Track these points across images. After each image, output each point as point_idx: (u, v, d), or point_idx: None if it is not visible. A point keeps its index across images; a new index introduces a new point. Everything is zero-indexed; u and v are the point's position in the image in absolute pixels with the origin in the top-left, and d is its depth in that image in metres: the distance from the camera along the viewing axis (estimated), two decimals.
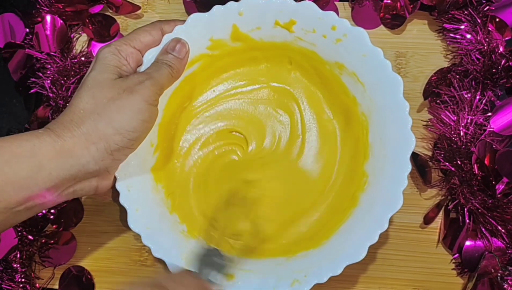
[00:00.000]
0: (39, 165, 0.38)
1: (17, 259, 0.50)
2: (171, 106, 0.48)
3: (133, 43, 0.45)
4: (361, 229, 0.44)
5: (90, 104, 0.41)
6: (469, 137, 0.49)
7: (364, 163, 0.47)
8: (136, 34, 0.45)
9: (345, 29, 0.46)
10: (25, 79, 0.54)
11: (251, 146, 0.51)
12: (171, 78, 0.45)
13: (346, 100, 0.48)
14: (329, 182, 0.49)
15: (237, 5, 0.47)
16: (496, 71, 0.49)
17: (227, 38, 0.48)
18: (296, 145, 0.51)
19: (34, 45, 0.54)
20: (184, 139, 0.51)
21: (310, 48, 0.48)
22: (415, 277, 0.50)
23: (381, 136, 0.46)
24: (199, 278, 0.44)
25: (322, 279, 0.43)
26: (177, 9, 0.56)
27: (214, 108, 0.52)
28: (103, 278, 0.51)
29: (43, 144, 0.38)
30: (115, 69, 0.43)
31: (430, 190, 0.51)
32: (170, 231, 0.47)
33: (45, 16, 0.54)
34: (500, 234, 0.47)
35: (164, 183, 0.49)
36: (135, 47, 0.45)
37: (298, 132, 0.51)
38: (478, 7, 0.51)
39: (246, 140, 0.51)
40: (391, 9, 0.53)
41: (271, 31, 0.48)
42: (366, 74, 0.46)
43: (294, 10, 0.46)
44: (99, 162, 0.41)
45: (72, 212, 0.52)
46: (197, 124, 0.52)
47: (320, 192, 0.49)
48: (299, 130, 0.51)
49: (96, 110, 0.40)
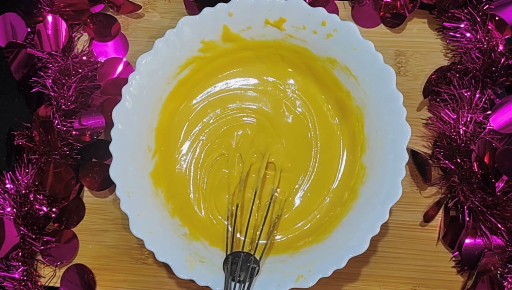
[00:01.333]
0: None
1: (19, 257, 0.50)
2: (167, 110, 0.48)
3: None
4: (362, 222, 0.45)
5: None
6: (469, 135, 0.49)
7: (361, 156, 0.48)
8: None
9: (335, 24, 0.46)
10: (27, 78, 0.54)
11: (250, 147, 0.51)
12: None
13: (340, 95, 0.49)
14: (334, 177, 0.50)
15: (227, 6, 0.47)
16: (495, 69, 0.49)
17: (218, 40, 0.48)
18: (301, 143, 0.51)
19: (36, 45, 0.54)
20: (181, 142, 0.51)
21: (302, 45, 0.48)
22: (415, 275, 0.50)
23: (377, 128, 0.46)
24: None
25: (327, 273, 0.43)
26: (178, 9, 0.56)
27: (210, 110, 0.52)
28: (104, 276, 0.52)
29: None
30: None
31: (430, 188, 0.51)
32: (173, 235, 0.47)
33: (46, 16, 0.54)
34: (499, 232, 0.47)
35: (164, 187, 0.49)
36: None
37: (301, 129, 0.51)
38: (477, 6, 0.51)
39: (246, 141, 0.51)
40: (391, 8, 0.54)
41: (262, 30, 0.48)
42: (358, 67, 0.46)
43: (283, 8, 0.47)
44: None
45: (73, 210, 0.52)
46: (193, 127, 0.52)
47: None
48: (301, 127, 0.51)
49: None
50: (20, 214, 0.50)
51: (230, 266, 0.45)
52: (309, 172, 0.50)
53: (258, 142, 0.51)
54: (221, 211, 0.50)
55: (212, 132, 0.52)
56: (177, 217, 0.49)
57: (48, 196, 0.51)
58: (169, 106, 0.49)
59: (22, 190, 0.50)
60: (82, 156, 0.53)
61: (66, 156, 0.52)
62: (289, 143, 0.51)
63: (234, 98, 0.52)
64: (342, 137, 0.50)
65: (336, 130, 0.51)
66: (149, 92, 0.48)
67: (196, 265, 0.46)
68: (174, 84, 0.49)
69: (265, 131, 0.51)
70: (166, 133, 0.50)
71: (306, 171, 0.50)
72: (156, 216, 0.47)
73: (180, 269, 0.45)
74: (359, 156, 0.48)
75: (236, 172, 0.50)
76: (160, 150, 0.49)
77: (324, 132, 0.51)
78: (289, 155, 0.51)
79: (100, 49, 0.56)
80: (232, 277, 0.44)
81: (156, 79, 0.48)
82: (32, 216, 0.51)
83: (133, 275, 0.51)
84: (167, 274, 0.51)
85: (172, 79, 0.49)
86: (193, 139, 0.52)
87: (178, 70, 0.49)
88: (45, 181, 0.51)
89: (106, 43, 0.56)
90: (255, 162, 0.51)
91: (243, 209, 0.50)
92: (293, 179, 0.50)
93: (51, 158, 0.51)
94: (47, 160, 0.51)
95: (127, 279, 0.51)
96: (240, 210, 0.49)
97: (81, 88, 0.53)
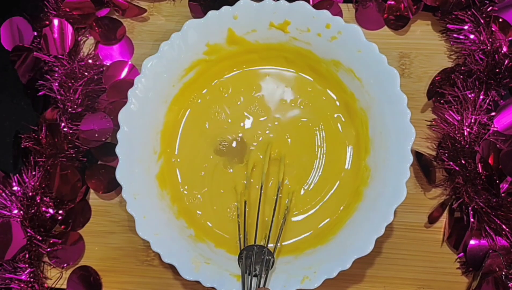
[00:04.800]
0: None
1: (25, 259, 0.50)
2: (172, 113, 0.49)
3: None
4: (367, 223, 0.45)
5: None
6: (473, 136, 0.49)
7: (366, 157, 0.48)
8: None
9: (339, 26, 0.46)
10: (33, 81, 0.54)
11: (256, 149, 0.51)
12: None
13: (345, 97, 0.49)
14: (339, 177, 0.50)
15: (232, 9, 0.47)
16: (499, 71, 0.49)
17: (223, 42, 0.49)
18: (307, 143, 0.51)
19: (42, 48, 0.54)
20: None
21: (306, 47, 0.48)
22: (419, 276, 0.50)
23: (381, 129, 0.46)
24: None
25: (332, 274, 0.43)
26: (183, 12, 0.56)
27: (216, 111, 0.52)
28: (110, 278, 0.52)
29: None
30: None
31: (435, 189, 0.51)
32: (178, 236, 0.47)
33: (52, 20, 0.54)
34: (504, 233, 0.47)
35: (169, 189, 0.49)
36: None
37: (307, 130, 0.51)
38: (481, 8, 0.51)
39: (251, 144, 0.51)
40: (394, 10, 0.54)
41: (266, 32, 0.48)
42: (363, 69, 0.47)
43: (287, 10, 0.47)
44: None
45: (80, 212, 0.53)
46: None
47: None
48: (307, 129, 0.51)
49: None
50: (27, 216, 0.50)
51: (245, 261, 0.45)
52: (313, 170, 0.50)
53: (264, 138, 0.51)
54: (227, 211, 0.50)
55: (218, 134, 0.52)
56: (182, 218, 0.49)
57: (55, 198, 0.52)
58: (174, 109, 0.49)
59: (29, 192, 0.51)
60: (88, 159, 0.53)
61: (73, 158, 0.52)
62: (294, 141, 0.51)
63: (239, 100, 0.52)
64: (347, 139, 0.50)
65: (340, 132, 0.51)
66: (155, 95, 0.48)
67: (201, 266, 0.46)
68: (179, 86, 0.50)
69: (270, 129, 0.52)
70: (172, 136, 0.51)
71: (311, 169, 0.50)
72: (162, 218, 0.47)
73: (186, 270, 0.45)
74: (363, 157, 0.48)
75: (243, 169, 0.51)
76: (166, 152, 0.50)
77: (329, 134, 0.51)
78: (294, 152, 0.51)
79: (106, 52, 0.56)
80: (248, 272, 0.44)
81: (161, 81, 0.49)
82: (38, 218, 0.51)
83: (139, 276, 0.52)
84: (172, 276, 0.51)
85: (177, 82, 0.50)
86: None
87: (183, 73, 0.50)
88: (51, 183, 0.51)
89: (111, 46, 0.56)
90: (258, 163, 0.51)
91: (250, 205, 0.50)
92: (299, 175, 0.50)
93: (58, 161, 0.52)
94: (54, 162, 0.52)
95: (133, 280, 0.52)
96: (248, 207, 0.49)
97: (87, 91, 0.53)
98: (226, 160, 0.51)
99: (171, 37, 0.47)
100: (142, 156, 0.46)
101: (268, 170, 0.50)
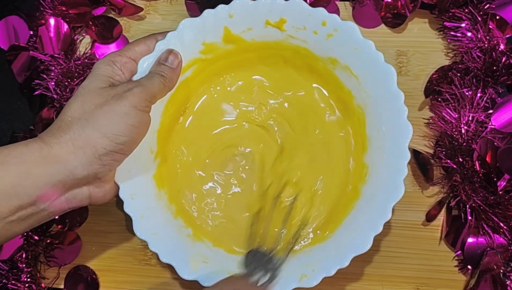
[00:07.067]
0: (26, 172, 0.38)
1: (22, 259, 0.50)
2: (168, 112, 0.48)
3: (128, 53, 0.45)
4: (365, 221, 0.45)
5: (78, 111, 0.41)
6: (471, 134, 0.49)
7: (363, 155, 0.48)
8: (131, 45, 0.46)
9: (336, 24, 0.46)
10: (30, 81, 0.54)
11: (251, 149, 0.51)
12: (163, 87, 0.45)
13: (342, 94, 0.49)
14: (339, 175, 0.50)
15: (228, 8, 0.47)
16: (496, 68, 0.49)
17: (219, 41, 0.48)
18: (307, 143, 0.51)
19: (38, 48, 0.54)
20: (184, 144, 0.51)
21: (303, 45, 0.48)
22: (417, 274, 0.50)
23: (378, 127, 0.46)
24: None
25: (330, 272, 0.43)
26: (179, 10, 0.56)
27: (213, 111, 0.52)
28: (108, 277, 0.52)
29: (30, 152, 0.38)
30: (107, 79, 0.43)
31: (432, 187, 0.51)
32: (176, 236, 0.47)
33: (48, 19, 0.54)
34: (502, 231, 0.48)
35: (167, 189, 0.49)
36: (130, 57, 0.45)
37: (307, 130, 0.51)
38: (478, 5, 0.51)
39: (248, 142, 0.51)
40: (392, 8, 0.54)
41: (262, 31, 0.48)
42: (359, 67, 0.46)
43: (283, 8, 0.47)
44: (87, 167, 0.40)
45: (76, 212, 0.52)
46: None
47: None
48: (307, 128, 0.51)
49: (83, 116, 0.40)
50: None
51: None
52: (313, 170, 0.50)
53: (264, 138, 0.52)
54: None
55: (216, 133, 0.52)
56: (180, 218, 0.49)
57: None
58: (171, 108, 0.49)
59: None
60: None
61: None
62: (294, 139, 0.51)
63: (236, 99, 0.52)
64: (344, 136, 0.50)
65: (337, 129, 0.51)
66: None
67: (199, 265, 0.46)
68: (176, 86, 0.49)
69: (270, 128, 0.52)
70: (169, 135, 0.50)
71: (311, 169, 0.50)
72: (160, 218, 0.47)
73: (183, 269, 0.45)
74: (361, 155, 0.48)
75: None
76: (163, 152, 0.50)
77: (326, 132, 0.51)
78: (294, 152, 0.51)
79: (102, 51, 0.56)
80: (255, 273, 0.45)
81: None
82: None
83: (136, 276, 0.52)
84: (170, 275, 0.51)
85: None
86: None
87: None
88: None
89: (108, 45, 0.56)
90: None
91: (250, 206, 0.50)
92: (303, 178, 0.51)
93: None
94: None
95: (130, 280, 0.52)
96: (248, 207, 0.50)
97: None
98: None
99: (167, 36, 0.47)
100: (139, 156, 0.46)
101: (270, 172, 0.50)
